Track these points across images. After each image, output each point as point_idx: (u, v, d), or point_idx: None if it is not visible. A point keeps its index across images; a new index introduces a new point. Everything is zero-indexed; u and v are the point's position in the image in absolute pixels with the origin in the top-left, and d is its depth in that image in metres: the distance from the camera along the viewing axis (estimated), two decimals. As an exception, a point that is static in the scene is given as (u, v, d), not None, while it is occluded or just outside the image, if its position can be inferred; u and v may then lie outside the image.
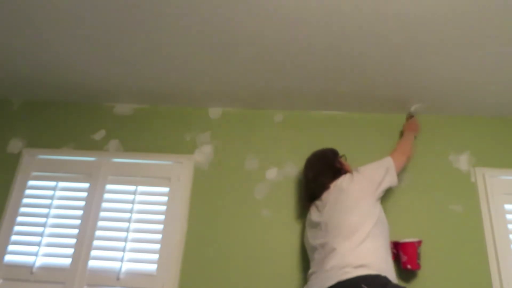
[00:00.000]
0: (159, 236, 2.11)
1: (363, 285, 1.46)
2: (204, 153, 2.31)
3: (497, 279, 1.96)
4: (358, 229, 1.63)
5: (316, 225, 1.81)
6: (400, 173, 2.18)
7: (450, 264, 1.99)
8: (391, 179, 1.87)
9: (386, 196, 2.14)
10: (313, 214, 1.86)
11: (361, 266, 1.53)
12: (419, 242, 1.92)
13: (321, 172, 1.93)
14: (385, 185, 1.85)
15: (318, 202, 1.87)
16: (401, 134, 2.27)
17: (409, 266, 1.89)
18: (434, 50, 1.82)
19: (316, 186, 1.90)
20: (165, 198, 2.20)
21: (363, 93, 2.19)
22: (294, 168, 2.24)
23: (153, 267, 2.06)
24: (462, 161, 2.22)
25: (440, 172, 2.20)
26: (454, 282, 1.96)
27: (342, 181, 1.83)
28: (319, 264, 1.66)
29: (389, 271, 1.60)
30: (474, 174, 2.19)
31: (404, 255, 1.90)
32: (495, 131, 2.29)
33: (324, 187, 1.87)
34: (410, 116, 2.27)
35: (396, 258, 1.96)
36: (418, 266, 1.89)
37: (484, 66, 1.91)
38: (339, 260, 1.57)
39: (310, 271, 1.73)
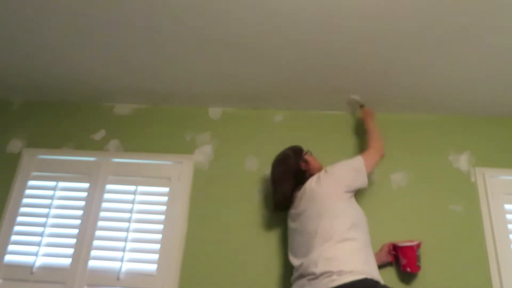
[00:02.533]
0: (159, 236, 2.11)
1: None
2: (204, 153, 2.31)
3: (497, 279, 1.96)
4: (333, 233, 1.59)
5: (294, 233, 1.79)
6: (400, 173, 2.19)
7: (450, 264, 1.99)
8: (361, 180, 1.80)
9: (386, 196, 2.14)
10: (290, 223, 1.85)
11: (345, 272, 1.49)
12: (418, 245, 1.91)
13: (283, 180, 1.87)
14: (354, 187, 1.79)
15: (292, 211, 1.85)
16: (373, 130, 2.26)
17: (408, 269, 1.88)
18: (433, 49, 1.82)
19: (280, 197, 1.86)
20: (165, 198, 2.20)
21: (363, 93, 2.18)
22: (294, 168, 2.23)
23: (153, 267, 2.06)
24: (462, 161, 2.22)
25: (440, 172, 2.20)
26: (454, 282, 1.96)
27: (311, 185, 1.77)
28: (302, 272, 1.62)
29: (373, 272, 1.57)
30: (474, 174, 2.19)
31: (404, 258, 1.89)
32: (495, 131, 2.29)
33: (289, 198, 1.83)
34: (361, 106, 2.22)
35: (396, 260, 1.96)
36: (418, 269, 1.89)
37: (484, 66, 1.90)
38: (320, 267, 1.53)
39: (294, 276, 1.69)
